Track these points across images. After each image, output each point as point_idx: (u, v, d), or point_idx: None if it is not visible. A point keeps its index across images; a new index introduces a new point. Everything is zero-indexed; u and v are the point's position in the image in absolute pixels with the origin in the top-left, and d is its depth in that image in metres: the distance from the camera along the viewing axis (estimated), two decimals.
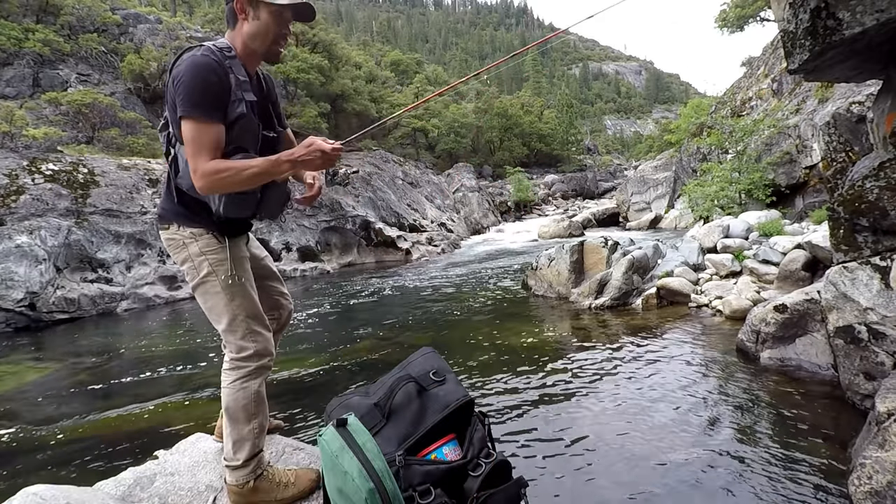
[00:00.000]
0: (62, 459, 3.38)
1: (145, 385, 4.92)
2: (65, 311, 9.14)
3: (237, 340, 1.62)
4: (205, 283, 1.61)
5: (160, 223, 1.64)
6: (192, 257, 1.60)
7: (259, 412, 1.63)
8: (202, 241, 1.60)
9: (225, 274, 1.60)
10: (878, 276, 2.67)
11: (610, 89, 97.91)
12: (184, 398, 4.37)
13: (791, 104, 10.68)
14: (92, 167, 10.78)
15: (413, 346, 5.04)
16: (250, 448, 1.60)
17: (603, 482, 2.47)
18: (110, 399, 4.61)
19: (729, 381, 3.55)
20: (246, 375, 1.61)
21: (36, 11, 16.21)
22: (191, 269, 1.62)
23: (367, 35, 75.98)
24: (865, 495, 1.87)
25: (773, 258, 5.71)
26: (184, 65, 1.42)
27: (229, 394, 1.61)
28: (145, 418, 4.01)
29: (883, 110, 2.61)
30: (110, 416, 4.11)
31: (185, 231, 1.59)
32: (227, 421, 1.61)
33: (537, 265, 7.41)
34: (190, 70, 1.41)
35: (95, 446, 3.53)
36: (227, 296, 1.61)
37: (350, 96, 23.28)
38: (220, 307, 1.61)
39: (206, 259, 1.60)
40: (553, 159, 43.90)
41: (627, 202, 20.75)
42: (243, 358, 1.62)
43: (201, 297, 1.65)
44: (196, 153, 1.40)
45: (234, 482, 1.60)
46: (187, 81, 1.40)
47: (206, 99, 1.41)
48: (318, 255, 14.12)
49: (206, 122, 1.41)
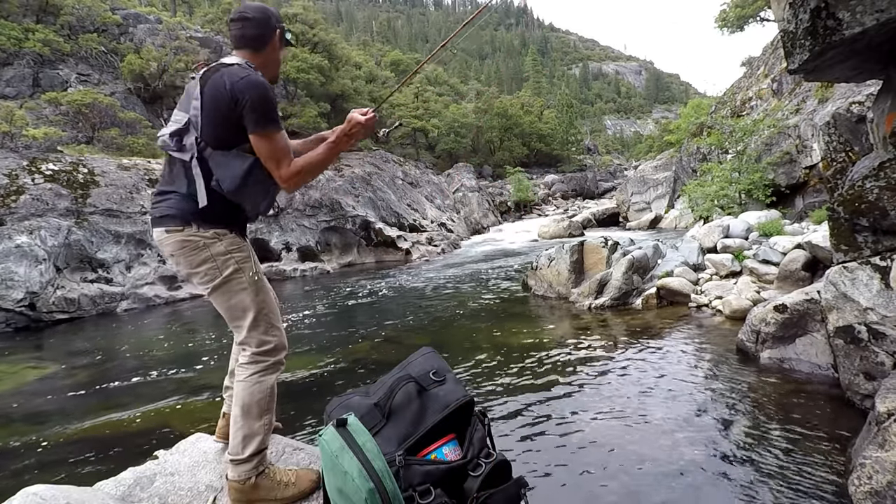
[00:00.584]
0: (62, 459, 3.38)
1: (145, 385, 4.92)
2: (65, 311, 9.14)
3: (260, 335, 1.65)
4: (230, 281, 1.64)
5: (171, 224, 1.61)
6: (215, 257, 1.61)
7: (270, 408, 1.67)
8: (227, 240, 1.64)
9: (251, 270, 1.67)
10: (878, 276, 2.67)
11: (610, 89, 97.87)
12: (184, 398, 4.37)
13: (791, 104, 10.68)
14: (92, 167, 10.78)
15: (413, 346, 5.04)
16: (258, 443, 1.62)
17: (602, 482, 2.47)
18: (110, 399, 4.62)
19: (729, 382, 3.54)
20: (264, 369, 1.65)
21: (36, 11, 16.20)
22: (211, 270, 1.62)
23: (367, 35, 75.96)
24: (865, 495, 1.87)
25: (773, 258, 5.71)
26: (246, 84, 1.55)
27: (245, 387, 1.63)
28: (145, 418, 4.01)
29: (883, 110, 2.61)
30: (110, 417, 4.11)
31: (208, 232, 1.61)
32: (239, 415, 1.62)
33: (537, 265, 7.41)
34: (259, 89, 1.56)
35: (95, 446, 3.54)
36: (252, 291, 1.66)
37: (350, 96, 23.27)
38: (246, 303, 1.65)
39: (233, 257, 1.64)
40: (553, 159, 43.90)
41: (627, 202, 20.75)
42: (264, 352, 1.65)
43: (224, 296, 1.65)
44: (281, 161, 1.59)
45: (237, 477, 1.60)
46: (260, 100, 1.55)
47: (276, 113, 1.60)
48: (317, 255, 14.12)
49: (281, 133, 1.60)
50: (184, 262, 1.63)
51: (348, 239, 14.89)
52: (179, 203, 1.61)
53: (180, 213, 1.61)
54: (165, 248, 1.64)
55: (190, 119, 1.58)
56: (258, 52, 1.69)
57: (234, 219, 1.68)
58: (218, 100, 1.55)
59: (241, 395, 1.63)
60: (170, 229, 1.61)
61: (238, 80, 1.54)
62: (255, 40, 1.68)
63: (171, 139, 1.60)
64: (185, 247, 1.61)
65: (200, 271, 1.62)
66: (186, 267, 1.63)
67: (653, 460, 2.60)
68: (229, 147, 1.58)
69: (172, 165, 1.65)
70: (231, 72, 1.57)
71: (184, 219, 1.60)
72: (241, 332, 1.67)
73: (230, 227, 1.66)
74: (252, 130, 1.55)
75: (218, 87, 1.55)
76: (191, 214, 1.60)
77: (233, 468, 1.61)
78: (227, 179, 1.57)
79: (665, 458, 2.61)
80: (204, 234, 1.61)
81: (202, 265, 1.62)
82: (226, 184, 1.58)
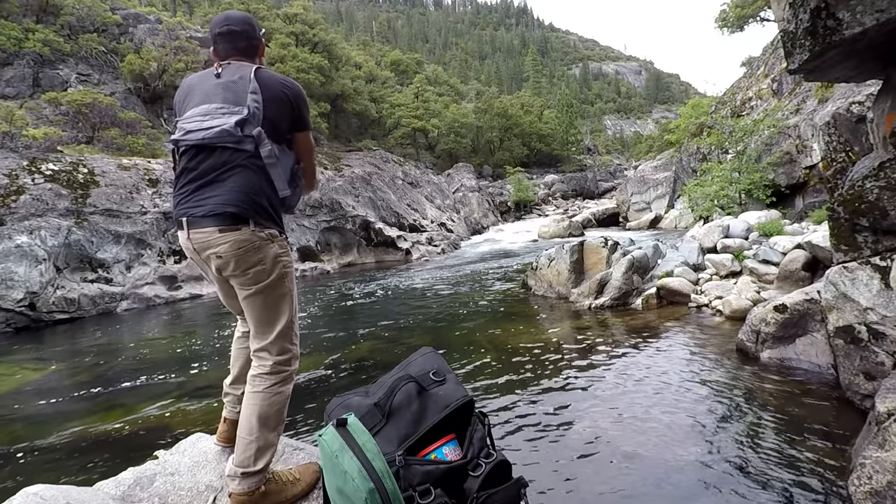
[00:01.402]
0: (62, 459, 3.38)
1: (145, 385, 4.92)
2: (65, 311, 9.14)
3: (285, 343, 1.64)
4: (275, 285, 1.61)
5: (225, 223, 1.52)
6: (266, 259, 1.57)
7: (284, 419, 1.68)
8: (278, 243, 1.62)
9: (292, 275, 1.69)
10: (878, 276, 2.67)
11: (610, 89, 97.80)
12: (184, 398, 4.37)
13: (791, 104, 10.68)
14: (92, 167, 10.78)
15: (413, 346, 5.04)
16: (271, 454, 1.60)
17: (603, 482, 2.47)
18: (110, 399, 4.61)
19: (729, 381, 3.54)
20: (283, 380, 1.63)
21: (36, 11, 16.20)
22: (259, 272, 1.57)
23: (367, 35, 75.98)
24: (865, 495, 1.87)
25: (773, 258, 5.71)
26: (300, 89, 1.72)
27: (265, 398, 1.58)
28: (145, 418, 4.01)
29: (883, 110, 2.61)
30: (110, 417, 4.11)
31: (264, 232, 1.58)
32: (256, 426, 1.56)
33: (537, 265, 7.41)
34: (303, 92, 1.74)
35: (95, 446, 3.54)
36: (290, 299, 1.66)
37: (350, 96, 23.28)
38: (282, 309, 1.63)
39: (281, 261, 1.63)
40: (553, 159, 43.89)
41: (627, 202, 20.76)
42: (285, 361, 1.64)
43: (265, 300, 1.60)
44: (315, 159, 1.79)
45: (247, 489, 1.55)
46: (306, 103, 1.74)
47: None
48: (318, 255, 14.12)
49: None
50: (234, 262, 1.54)
51: (348, 239, 14.89)
52: (235, 199, 1.52)
53: (238, 210, 1.52)
54: (214, 248, 1.53)
55: (252, 110, 1.55)
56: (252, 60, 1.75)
57: (281, 217, 1.68)
58: (279, 97, 1.63)
59: (259, 405, 1.57)
60: (223, 228, 1.51)
61: (289, 82, 1.69)
62: (249, 49, 1.75)
63: (236, 128, 1.53)
64: (242, 247, 1.53)
65: (250, 273, 1.56)
66: (236, 268, 1.55)
67: (652, 460, 2.60)
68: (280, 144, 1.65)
69: (218, 158, 1.55)
70: (278, 75, 1.71)
71: (241, 217, 1.52)
72: (267, 338, 1.61)
73: (280, 228, 1.66)
74: (303, 129, 1.73)
75: (275, 86, 1.64)
76: (250, 212, 1.54)
77: (242, 481, 1.54)
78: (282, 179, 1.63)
79: (665, 458, 2.61)
80: (260, 235, 1.56)
81: (253, 267, 1.56)
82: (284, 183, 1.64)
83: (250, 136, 1.55)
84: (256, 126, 1.56)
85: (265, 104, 1.59)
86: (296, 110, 1.67)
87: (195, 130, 1.56)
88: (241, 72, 1.63)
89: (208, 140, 1.55)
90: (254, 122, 1.56)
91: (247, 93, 1.57)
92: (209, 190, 1.54)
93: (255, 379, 1.62)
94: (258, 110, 1.57)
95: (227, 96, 1.59)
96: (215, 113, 1.56)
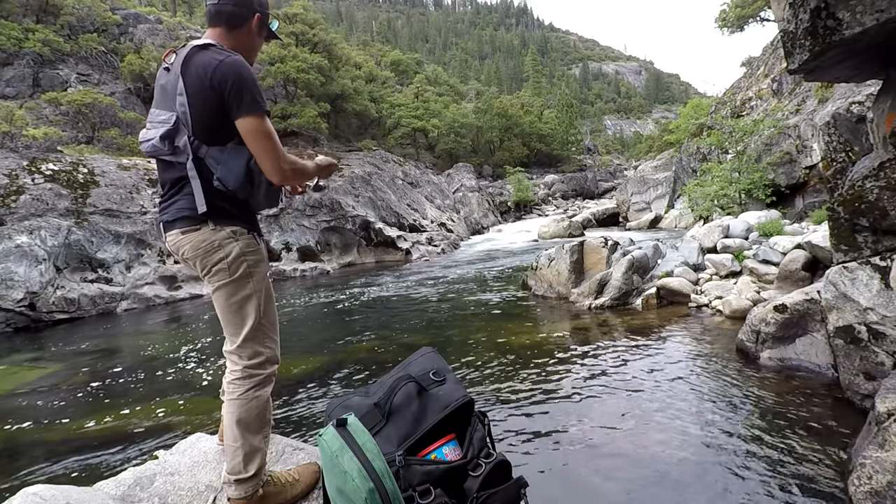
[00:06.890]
0: (62, 459, 3.38)
1: (145, 385, 4.92)
2: (65, 311, 9.14)
3: (255, 346, 1.57)
4: (238, 285, 1.55)
5: (186, 225, 1.52)
6: (228, 258, 1.53)
7: (268, 420, 1.62)
8: (243, 241, 1.55)
9: (260, 276, 1.59)
10: (878, 276, 2.67)
11: (610, 89, 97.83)
12: (184, 398, 4.37)
13: (791, 104, 10.68)
14: (92, 167, 10.78)
15: (413, 346, 5.04)
16: (261, 458, 1.57)
17: (603, 482, 2.47)
18: (110, 399, 4.62)
19: (729, 381, 3.54)
20: (259, 384, 1.57)
21: (36, 11, 16.20)
22: (221, 271, 1.54)
23: (367, 35, 76.02)
24: (865, 495, 1.87)
25: (773, 258, 5.70)
26: (226, 67, 1.43)
27: (242, 404, 1.54)
28: (145, 418, 4.01)
29: (883, 110, 2.61)
30: (110, 416, 4.11)
31: (225, 230, 1.53)
32: (238, 433, 1.53)
33: (537, 265, 7.41)
34: (243, 70, 1.44)
35: (95, 446, 3.54)
36: (257, 299, 1.57)
37: (350, 96, 23.28)
38: (247, 310, 1.56)
39: (246, 260, 1.55)
40: (553, 159, 43.91)
41: (627, 202, 20.75)
42: (256, 364, 1.57)
43: (227, 300, 1.56)
44: (276, 145, 1.45)
45: (244, 494, 1.54)
46: (247, 81, 1.43)
47: (262, 95, 1.47)
48: (317, 255, 14.12)
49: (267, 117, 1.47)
50: (199, 263, 1.54)
51: (348, 239, 14.89)
52: (192, 203, 1.50)
53: (193, 213, 1.50)
54: (181, 250, 1.55)
55: (178, 116, 1.45)
56: (232, 32, 1.57)
57: (249, 213, 1.60)
58: (201, 88, 1.42)
59: (236, 412, 1.54)
60: (185, 230, 1.52)
61: (217, 65, 1.42)
62: (231, 17, 1.55)
63: (161, 142, 1.46)
64: (201, 247, 1.52)
65: (213, 271, 1.55)
66: (202, 268, 1.55)
67: (652, 460, 2.60)
68: (224, 142, 1.47)
69: (169, 169, 1.54)
70: (206, 57, 1.44)
71: (197, 217, 1.51)
72: (236, 340, 1.57)
73: (246, 225, 1.58)
74: (238, 115, 1.42)
75: (200, 77, 1.42)
76: (209, 212, 1.50)
77: (237, 487, 1.54)
78: (231, 177, 1.47)
79: (664, 458, 2.61)
80: (220, 234, 1.52)
81: (215, 265, 1.54)
82: (230, 182, 1.47)
83: (178, 147, 1.47)
84: (186, 133, 1.45)
85: (190, 104, 1.43)
86: (227, 96, 1.42)
87: (142, 141, 1.54)
88: (177, 64, 1.47)
89: (149, 154, 1.54)
90: (185, 128, 1.45)
91: (175, 93, 1.45)
92: (174, 195, 1.55)
93: (230, 385, 1.57)
94: (185, 114, 1.44)
95: (163, 99, 1.51)
96: (154, 121, 1.52)
